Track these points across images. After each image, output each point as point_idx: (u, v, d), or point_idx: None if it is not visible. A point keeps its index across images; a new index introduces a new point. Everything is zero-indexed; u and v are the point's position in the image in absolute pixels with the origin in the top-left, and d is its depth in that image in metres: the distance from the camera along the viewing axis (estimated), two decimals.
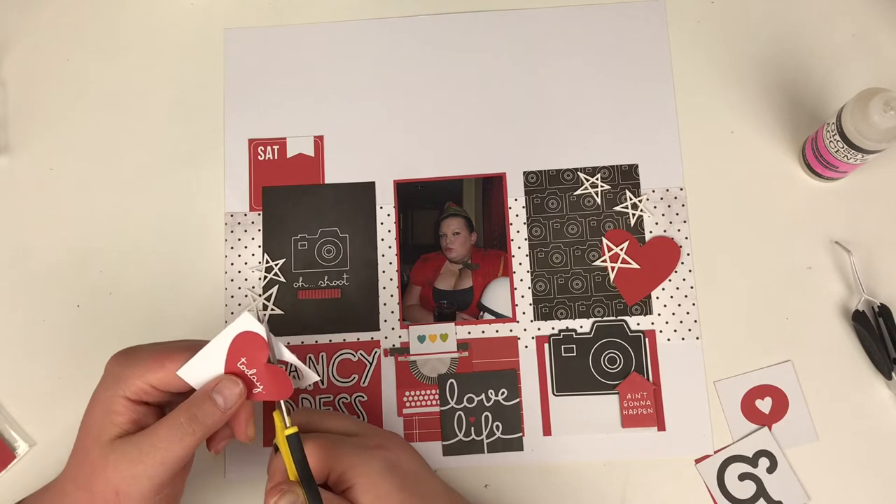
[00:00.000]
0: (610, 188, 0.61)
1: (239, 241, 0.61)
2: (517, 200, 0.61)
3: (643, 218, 0.60)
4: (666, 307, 0.59)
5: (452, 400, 0.58)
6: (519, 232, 0.60)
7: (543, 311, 0.59)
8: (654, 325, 0.59)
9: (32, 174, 0.62)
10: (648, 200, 0.61)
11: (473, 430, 0.57)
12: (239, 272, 0.60)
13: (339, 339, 0.59)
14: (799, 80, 0.62)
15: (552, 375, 0.58)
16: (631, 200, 0.61)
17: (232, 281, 0.60)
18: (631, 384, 0.57)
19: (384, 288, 0.60)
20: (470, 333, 0.59)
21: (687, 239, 0.60)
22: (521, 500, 0.56)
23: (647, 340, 0.58)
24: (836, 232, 0.59)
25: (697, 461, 0.56)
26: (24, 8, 0.65)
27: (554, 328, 0.59)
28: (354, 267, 0.60)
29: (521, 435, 0.57)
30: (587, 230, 0.60)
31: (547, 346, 0.59)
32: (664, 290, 0.59)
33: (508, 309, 0.59)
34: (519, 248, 0.60)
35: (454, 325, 0.59)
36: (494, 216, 0.61)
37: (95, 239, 0.61)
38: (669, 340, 0.58)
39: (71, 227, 0.61)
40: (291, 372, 0.51)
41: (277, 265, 0.60)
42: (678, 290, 0.59)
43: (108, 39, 0.64)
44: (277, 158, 0.62)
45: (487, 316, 0.59)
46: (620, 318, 0.59)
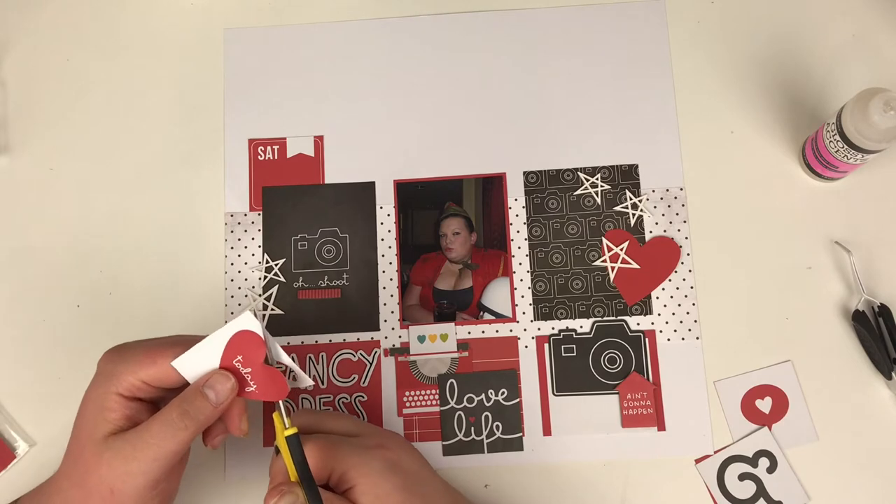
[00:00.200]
0: (610, 188, 0.61)
1: (239, 241, 0.61)
2: (517, 200, 0.61)
3: (643, 218, 0.60)
4: (666, 307, 0.59)
5: (452, 400, 0.58)
6: (519, 232, 0.60)
7: (543, 311, 0.59)
8: (654, 325, 0.59)
9: (32, 174, 0.62)
10: (648, 200, 0.61)
11: (473, 430, 0.57)
12: (239, 272, 0.60)
13: (339, 339, 0.59)
14: (799, 80, 0.62)
15: (552, 375, 0.58)
16: (631, 200, 0.61)
17: (232, 281, 0.60)
18: (631, 384, 0.57)
19: (384, 288, 0.60)
20: (470, 333, 0.59)
21: (687, 239, 0.60)
22: (521, 500, 0.56)
23: (647, 340, 0.58)
24: (836, 232, 0.59)
25: (697, 461, 0.56)
26: (24, 8, 0.65)
27: (554, 328, 0.59)
28: (354, 267, 0.60)
29: (521, 435, 0.57)
30: (587, 230, 0.60)
31: (547, 346, 0.59)
32: (664, 290, 0.59)
33: (508, 309, 0.59)
34: (519, 248, 0.60)
35: (454, 325, 0.59)
36: (494, 216, 0.61)
37: (95, 239, 0.61)
38: (669, 340, 0.58)
39: (71, 227, 0.61)
40: (290, 374, 0.51)
41: (277, 265, 0.60)
42: (678, 290, 0.59)
43: (108, 39, 0.64)
44: (277, 158, 0.62)
45: (487, 316, 0.59)
46: (620, 318, 0.59)
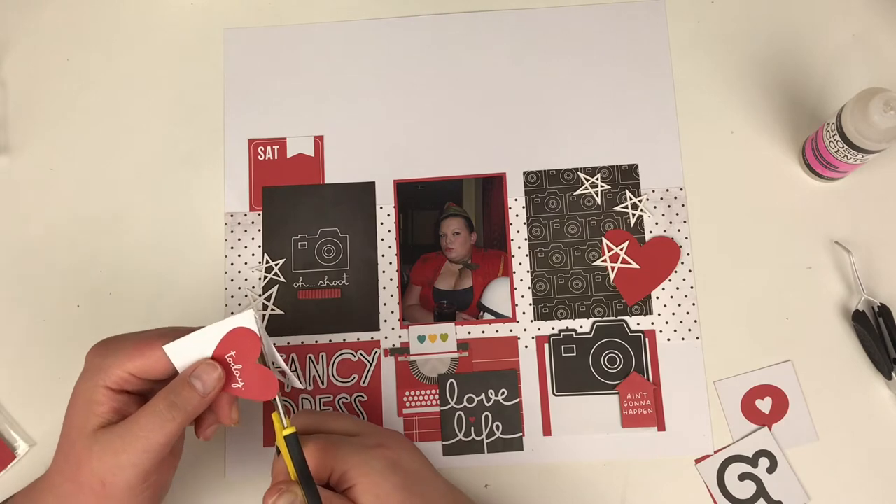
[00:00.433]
0: (610, 188, 0.61)
1: (239, 241, 0.61)
2: (517, 200, 0.61)
3: (643, 218, 0.60)
4: (666, 307, 0.59)
5: (452, 400, 0.58)
6: (519, 232, 0.60)
7: (543, 311, 0.59)
8: (654, 325, 0.59)
9: (32, 174, 0.62)
10: (648, 200, 0.61)
11: (473, 430, 0.57)
12: (239, 272, 0.60)
13: (339, 339, 0.59)
14: (799, 80, 0.62)
15: (552, 375, 0.58)
16: (631, 200, 0.61)
17: (232, 281, 0.60)
18: (631, 384, 0.57)
19: (384, 288, 0.60)
20: (470, 333, 0.59)
21: (687, 239, 0.60)
22: (521, 500, 0.56)
23: (647, 340, 0.58)
24: (836, 232, 0.59)
25: (697, 461, 0.56)
26: (24, 8, 0.65)
27: (554, 328, 0.59)
28: (354, 267, 0.60)
29: (521, 435, 0.57)
30: (587, 230, 0.60)
31: (547, 346, 0.59)
32: (664, 290, 0.59)
33: (508, 309, 0.59)
34: (519, 248, 0.60)
35: (454, 325, 0.59)
36: (494, 216, 0.61)
37: (95, 239, 0.61)
38: (669, 340, 0.58)
39: (71, 227, 0.61)
40: (285, 375, 0.51)
41: (277, 265, 0.60)
42: (678, 290, 0.59)
43: (107, 39, 0.64)
44: (277, 158, 0.62)
45: (487, 316, 0.59)
46: (620, 318, 0.59)
